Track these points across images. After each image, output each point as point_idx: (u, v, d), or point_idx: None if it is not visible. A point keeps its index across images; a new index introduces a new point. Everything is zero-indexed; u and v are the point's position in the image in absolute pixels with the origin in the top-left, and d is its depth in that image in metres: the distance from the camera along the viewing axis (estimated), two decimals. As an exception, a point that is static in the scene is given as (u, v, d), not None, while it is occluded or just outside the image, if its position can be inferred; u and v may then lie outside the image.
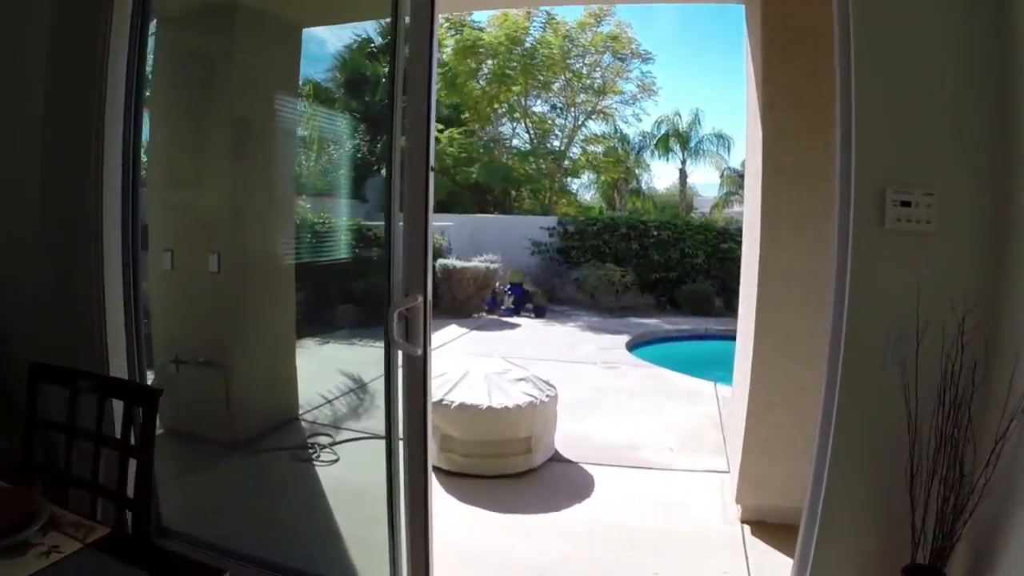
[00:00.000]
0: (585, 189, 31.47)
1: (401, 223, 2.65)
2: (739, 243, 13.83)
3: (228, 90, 4.59)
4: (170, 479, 3.77)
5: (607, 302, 14.32)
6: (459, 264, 13.09)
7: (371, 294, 11.54)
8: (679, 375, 8.62)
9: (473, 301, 13.12)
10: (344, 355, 9.50)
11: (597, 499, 4.67)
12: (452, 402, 5.16)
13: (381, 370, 3.04)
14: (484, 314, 13.29)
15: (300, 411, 5.39)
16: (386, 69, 17.69)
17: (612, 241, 15.58)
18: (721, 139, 30.70)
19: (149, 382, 3.70)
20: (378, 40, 24.94)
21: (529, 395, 5.26)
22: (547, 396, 5.35)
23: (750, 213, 4.39)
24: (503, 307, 13.44)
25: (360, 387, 7.18)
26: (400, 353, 2.68)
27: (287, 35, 4.71)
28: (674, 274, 15.26)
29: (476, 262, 13.41)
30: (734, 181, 31.31)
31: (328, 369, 8.39)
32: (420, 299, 2.59)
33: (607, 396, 7.46)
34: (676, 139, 30.24)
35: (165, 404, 2.26)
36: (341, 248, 11.22)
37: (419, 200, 2.57)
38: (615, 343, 10.74)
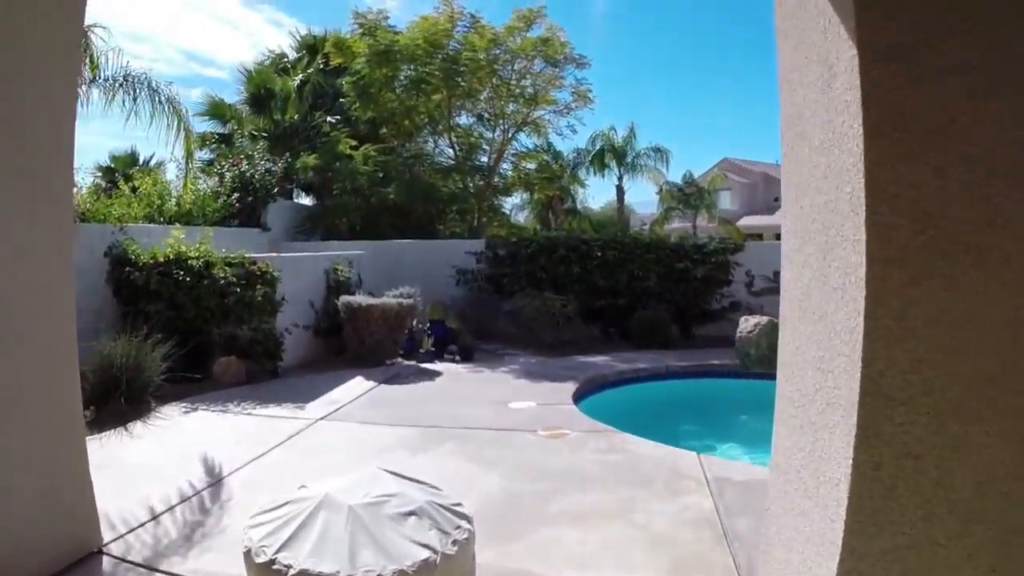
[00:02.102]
0: (519, 210, 29.77)
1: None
2: (696, 261, 11.87)
3: None
4: None
5: (547, 337, 12.15)
6: (365, 301, 10.75)
7: (254, 343, 9.12)
8: (646, 443, 6.46)
9: (385, 345, 10.78)
10: (216, 428, 7.16)
11: None
12: (287, 569, 2.86)
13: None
14: (400, 360, 10.97)
15: (107, 539, 4.16)
16: (296, 84, 15.40)
17: (550, 265, 13.47)
18: (659, 152, 29.42)
19: None
20: (291, 55, 22.89)
21: (425, 546, 2.99)
22: (454, 543, 3.08)
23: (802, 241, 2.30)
24: (422, 351, 11.12)
25: (213, 486, 5.32)
26: None
27: None
28: (622, 300, 13.28)
29: (388, 297, 11.10)
30: (674, 196, 29.95)
31: (173, 455, 6.07)
32: None
33: (553, 489, 5.22)
34: (612, 154, 28.81)
35: None
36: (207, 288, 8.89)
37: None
38: (559, 394, 8.56)
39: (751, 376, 10.24)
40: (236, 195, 14.75)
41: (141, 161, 22.79)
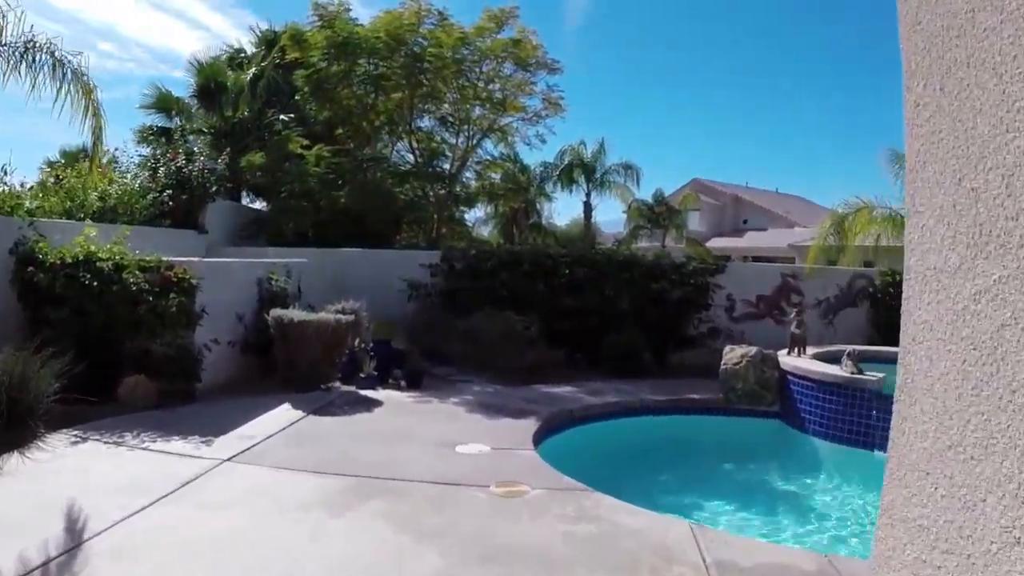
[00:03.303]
0: (482, 224, 28.55)
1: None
2: (674, 282, 10.65)
3: None
4: None
5: (506, 361, 10.81)
6: (298, 316, 9.34)
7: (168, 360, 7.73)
8: (624, 507, 5.17)
9: (320, 367, 9.36)
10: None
11: None
12: None
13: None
14: (337, 385, 9.56)
15: None
16: (249, 79, 14.01)
17: (512, 281, 12.19)
18: (629, 169, 28.42)
19: None
20: (250, 49, 21.41)
21: None
22: None
23: None
24: (362, 375, 9.72)
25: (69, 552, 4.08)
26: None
27: None
28: (592, 322, 11.98)
29: (325, 313, 9.71)
30: (643, 214, 28.88)
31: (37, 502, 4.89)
32: None
33: (507, 581, 3.90)
34: (581, 169, 27.78)
35: None
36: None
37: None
38: (517, 434, 7.24)
39: (737, 413, 9.14)
40: (168, 192, 13.46)
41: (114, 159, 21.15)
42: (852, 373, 7.98)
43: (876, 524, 1.81)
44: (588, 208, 28.58)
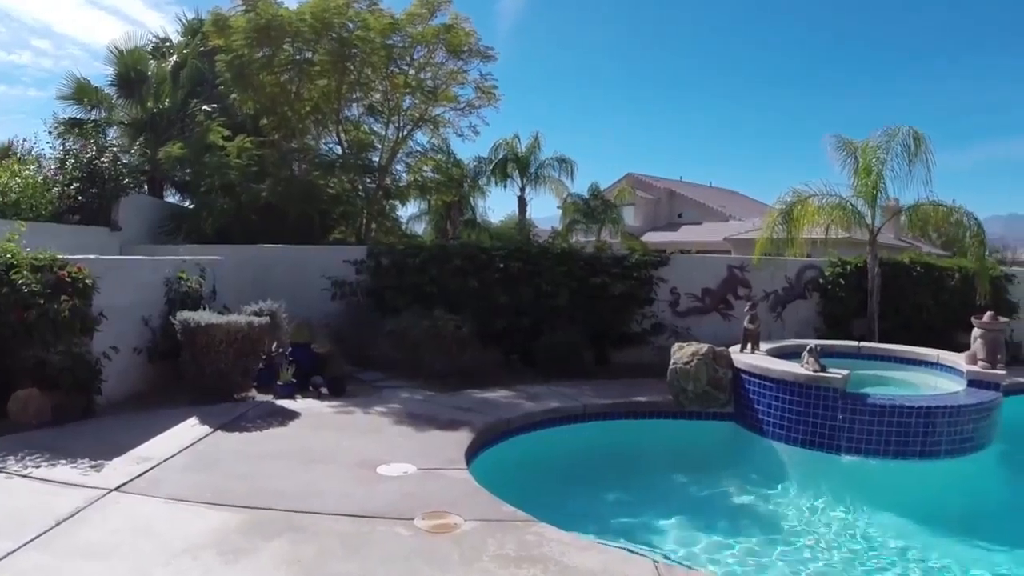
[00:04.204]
0: (415, 221, 27.59)
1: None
2: (615, 276, 9.51)
3: None
4: None
5: (436, 364, 9.95)
6: (206, 319, 8.28)
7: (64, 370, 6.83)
8: (574, 540, 4.36)
9: (231, 375, 8.33)
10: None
11: None
12: None
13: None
14: (253, 394, 8.56)
15: None
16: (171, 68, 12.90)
17: (442, 278, 11.31)
18: (564, 163, 27.86)
19: None
20: (176, 38, 19.97)
21: None
22: None
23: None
24: (280, 383, 8.71)
25: None
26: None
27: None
28: (528, 320, 11.17)
29: (238, 315, 8.67)
30: (578, 208, 28.29)
31: None
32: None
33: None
34: (515, 164, 27.15)
35: None
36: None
37: None
38: (447, 449, 6.39)
39: (688, 416, 8.44)
40: (76, 186, 12.64)
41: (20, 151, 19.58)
42: (815, 371, 7.33)
43: None
44: (523, 203, 27.96)
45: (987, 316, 7.96)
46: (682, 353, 8.59)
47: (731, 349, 8.87)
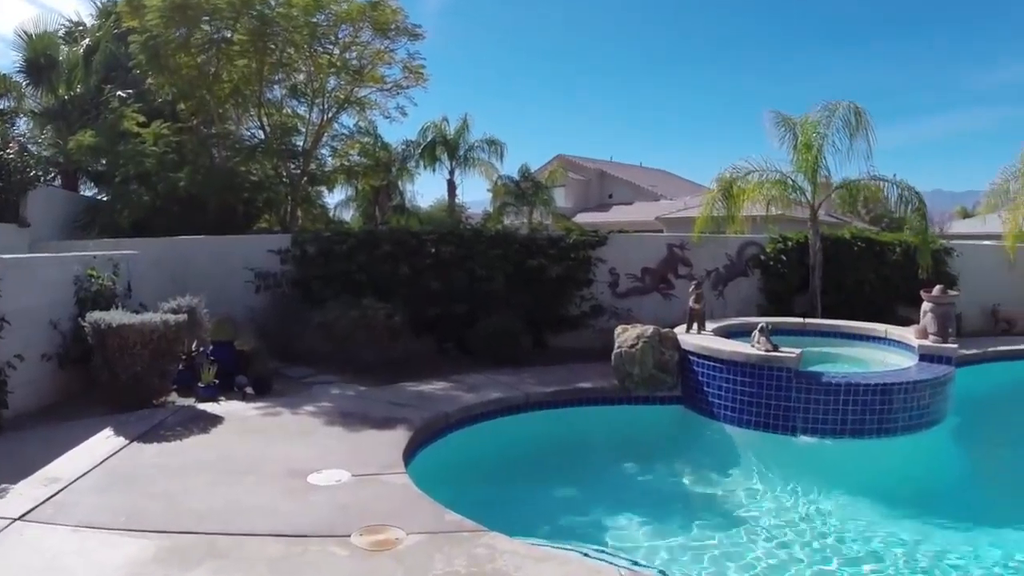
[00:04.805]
0: (343, 207, 26.81)
1: None
2: (552, 258, 8.66)
3: None
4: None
5: (367, 356, 9.40)
6: (118, 319, 7.55)
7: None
8: (531, 553, 3.95)
9: (148, 379, 7.62)
10: None
11: None
12: None
13: None
14: (174, 398, 7.89)
15: None
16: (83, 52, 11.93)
17: (371, 265, 10.75)
18: (493, 145, 27.44)
19: None
20: (89, 22, 18.64)
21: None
22: None
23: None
24: (201, 384, 8.04)
25: None
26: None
27: None
28: (462, 307, 10.71)
29: (153, 313, 7.96)
30: (509, 190, 27.90)
31: None
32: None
33: None
34: (444, 147, 26.65)
35: None
36: None
37: None
38: (383, 450, 5.91)
39: (635, 401, 8.14)
40: None
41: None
42: (767, 350, 7.08)
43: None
44: (452, 186, 27.45)
45: (937, 290, 7.87)
46: (626, 336, 8.26)
47: (676, 330, 8.60)
